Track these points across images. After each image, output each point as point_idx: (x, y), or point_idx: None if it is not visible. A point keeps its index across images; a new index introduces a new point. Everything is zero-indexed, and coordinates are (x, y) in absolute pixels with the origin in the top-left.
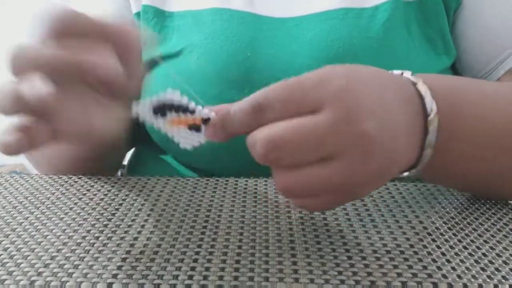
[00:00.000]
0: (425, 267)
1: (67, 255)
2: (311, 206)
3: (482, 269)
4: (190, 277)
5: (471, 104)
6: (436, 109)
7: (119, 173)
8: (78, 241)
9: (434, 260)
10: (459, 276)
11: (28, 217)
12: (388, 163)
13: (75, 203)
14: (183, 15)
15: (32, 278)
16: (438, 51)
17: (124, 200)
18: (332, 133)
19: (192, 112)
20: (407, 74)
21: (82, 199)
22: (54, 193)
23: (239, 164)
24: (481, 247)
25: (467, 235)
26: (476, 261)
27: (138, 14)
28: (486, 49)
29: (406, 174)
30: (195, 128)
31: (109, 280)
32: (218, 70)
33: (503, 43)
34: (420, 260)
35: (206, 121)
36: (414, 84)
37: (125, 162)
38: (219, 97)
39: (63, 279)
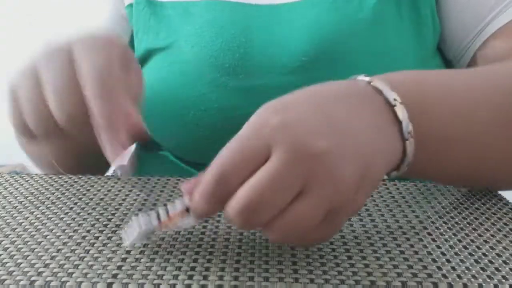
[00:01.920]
0: (425, 267)
1: (67, 255)
2: (318, 238)
3: (482, 269)
4: (190, 277)
5: (436, 86)
6: (399, 98)
7: (118, 172)
8: (78, 241)
9: (434, 260)
10: (459, 276)
11: (28, 217)
12: (364, 168)
13: (75, 203)
14: (174, 5)
15: (32, 278)
16: (427, 29)
17: (124, 200)
18: (289, 171)
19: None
20: (360, 77)
21: (82, 199)
22: (54, 193)
23: None
24: (481, 247)
25: (467, 235)
26: (476, 261)
27: (130, 5)
28: (468, 16)
29: (394, 173)
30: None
31: (109, 280)
32: (213, 56)
33: (483, 10)
34: (420, 260)
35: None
36: (370, 82)
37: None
38: (214, 83)
39: (63, 279)
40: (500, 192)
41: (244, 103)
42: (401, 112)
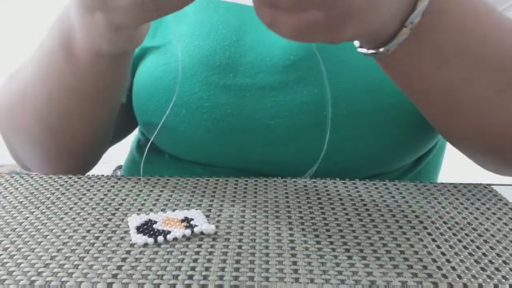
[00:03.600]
0: (425, 267)
1: (67, 255)
2: (289, 23)
3: (482, 269)
4: (190, 277)
5: (466, 2)
6: None
7: (118, 173)
8: (78, 241)
9: (434, 260)
10: (459, 276)
11: (28, 217)
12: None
13: (75, 203)
14: None
15: (32, 278)
16: None
17: (124, 200)
18: None
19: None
20: None
21: (82, 199)
22: (54, 193)
23: (233, 155)
24: (481, 247)
25: (467, 234)
26: (476, 261)
27: None
28: None
29: (382, 49)
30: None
31: (109, 280)
32: (205, 55)
33: None
34: (420, 260)
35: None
36: None
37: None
38: (205, 82)
39: (63, 279)
40: (500, 191)
41: (235, 102)
42: (422, 4)
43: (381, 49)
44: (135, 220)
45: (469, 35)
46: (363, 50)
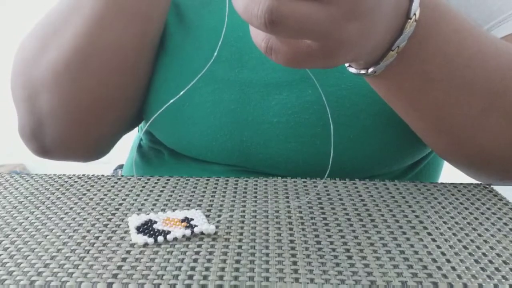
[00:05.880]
0: (425, 267)
1: (67, 255)
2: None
3: (482, 269)
4: (190, 277)
5: (452, 27)
6: (418, 15)
7: (119, 173)
8: (78, 241)
9: (434, 260)
10: (459, 276)
11: (28, 217)
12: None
13: (75, 203)
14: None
15: (32, 278)
16: None
17: (124, 200)
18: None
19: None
20: None
21: (82, 199)
22: (54, 193)
23: (233, 151)
24: (481, 246)
25: (467, 234)
26: (476, 261)
27: None
28: (482, 10)
29: (370, 70)
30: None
31: (109, 280)
32: (212, 50)
33: (499, 6)
34: (420, 260)
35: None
36: None
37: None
38: (209, 76)
39: (63, 279)
40: (500, 191)
41: (238, 97)
42: (409, 29)
43: (369, 70)
44: (135, 220)
45: (454, 58)
46: (353, 70)
